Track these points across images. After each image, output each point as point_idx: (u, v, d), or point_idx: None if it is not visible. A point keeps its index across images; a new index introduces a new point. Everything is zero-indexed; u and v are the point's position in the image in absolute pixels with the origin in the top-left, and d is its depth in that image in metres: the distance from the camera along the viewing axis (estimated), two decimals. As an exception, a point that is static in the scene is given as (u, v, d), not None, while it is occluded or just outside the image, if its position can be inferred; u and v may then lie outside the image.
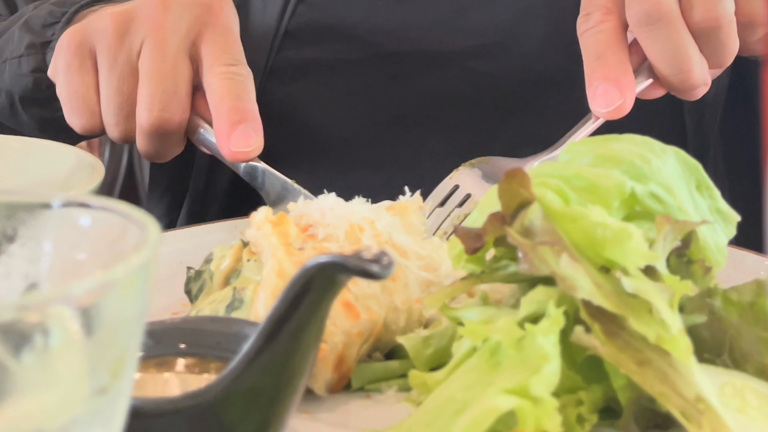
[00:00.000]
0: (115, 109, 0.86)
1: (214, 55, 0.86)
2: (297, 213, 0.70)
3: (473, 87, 1.01)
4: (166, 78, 0.85)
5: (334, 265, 0.50)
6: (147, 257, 0.35)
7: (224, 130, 0.84)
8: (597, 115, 0.84)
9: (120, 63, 0.86)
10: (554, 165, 0.65)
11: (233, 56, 0.87)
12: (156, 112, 0.84)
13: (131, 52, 0.86)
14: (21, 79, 0.97)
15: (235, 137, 0.83)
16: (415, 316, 0.67)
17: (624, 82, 0.82)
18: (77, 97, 0.87)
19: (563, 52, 1.01)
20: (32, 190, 0.43)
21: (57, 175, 0.90)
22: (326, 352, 0.62)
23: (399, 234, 0.68)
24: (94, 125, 0.88)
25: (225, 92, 0.84)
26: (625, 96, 0.81)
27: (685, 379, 0.53)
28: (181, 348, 0.58)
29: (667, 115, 1.03)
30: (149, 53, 0.85)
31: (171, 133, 0.86)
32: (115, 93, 0.86)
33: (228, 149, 0.84)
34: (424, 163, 1.03)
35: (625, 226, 0.56)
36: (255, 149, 0.84)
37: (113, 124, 0.87)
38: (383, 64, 1.02)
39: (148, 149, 0.87)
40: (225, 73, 0.85)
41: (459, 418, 0.51)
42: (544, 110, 1.01)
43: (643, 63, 0.85)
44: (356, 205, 0.70)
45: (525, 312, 0.56)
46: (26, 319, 0.33)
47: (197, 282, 0.72)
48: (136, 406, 0.40)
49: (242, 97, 0.85)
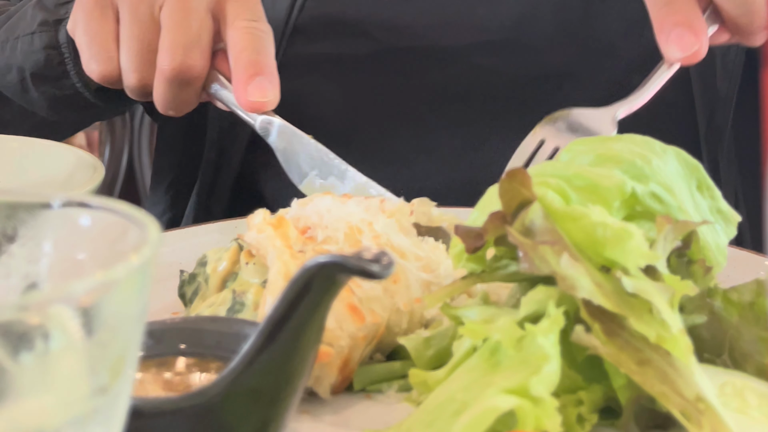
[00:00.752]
0: (134, 56, 0.87)
1: (237, 11, 0.88)
2: (294, 215, 0.70)
3: (480, 82, 1.02)
4: (189, 28, 0.86)
5: (334, 265, 0.50)
6: (147, 257, 0.35)
7: (242, 80, 0.86)
8: (672, 61, 0.83)
9: (141, 12, 0.87)
10: (555, 165, 0.65)
11: (255, 13, 0.89)
12: (179, 57, 0.86)
13: (153, 4, 0.88)
14: (33, 55, 0.98)
15: (252, 87, 0.85)
16: (416, 318, 0.67)
17: (697, 25, 0.81)
18: (96, 42, 0.89)
19: (570, 47, 1.01)
20: (32, 190, 0.43)
21: (57, 175, 0.90)
22: (333, 357, 0.62)
23: (397, 235, 0.68)
24: (111, 71, 0.89)
25: (245, 45, 0.87)
26: (700, 40, 0.81)
27: (685, 379, 0.53)
28: (181, 348, 0.58)
29: (679, 110, 1.02)
30: (172, 6, 0.87)
31: (191, 80, 0.87)
32: (136, 40, 0.87)
33: (245, 98, 0.86)
34: (431, 158, 1.03)
35: (625, 226, 0.56)
36: (271, 101, 0.86)
37: (131, 69, 0.88)
38: (390, 59, 1.02)
39: (166, 97, 0.88)
40: (246, 27, 0.87)
41: (459, 417, 0.51)
42: (550, 105, 1.02)
43: (708, 7, 0.84)
44: (352, 206, 0.70)
45: (525, 312, 0.56)
46: (26, 319, 0.33)
47: (191, 285, 0.71)
48: (136, 406, 0.40)
49: (261, 52, 0.87)
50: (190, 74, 0.87)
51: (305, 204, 0.71)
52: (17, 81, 1.00)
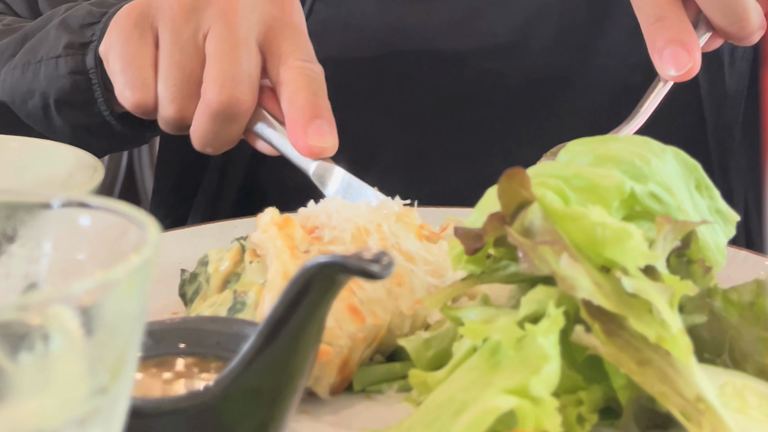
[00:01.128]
0: (173, 85, 0.82)
1: (290, 50, 0.83)
2: (303, 215, 0.70)
3: (486, 86, 1.02)
4: (239, 59, 0.81)
5: (334, 265, 0.50)
6: (147, 257, 0.35)
7: (300, 123, 0.81)
8: (666, 79, 0.83)
9: (185, 39, 0.82)
10: (554, 165, 0.65)
11: (309, 53, 0.84)
12: (228, 90, 0.80)
13: (197, 32, 0.82)
14: (58, 80, 0.92)
15: (312, 131, 0.80)
16: (419, 321, 0.67)
17: (690, 42, 0.81)
18: (133, 68, 0.83)
19: (576, 51, 1.01)
20: (32, 190, 0.43)
21: (57, 175, 0.90)
22: (331, 356, 0.62)
23: (405, 238, 0.68)
24: (147, 100, 0.83)
25: (301, 86, 0.81)
26: (693, 57, 0.81)
27: (685, 379, 0.53)
28: (181, 348, 0.58)
29: (686, 107, 1.02)
30: (219, 34, 0.81)
31: (238, 116, 0.81)
32: (177, 68, 0.82)
33: (305, 143, 0.80)
34: (437, 163, 1.03)
35: (625, 226, 0.56)
36: (331, 146, 0.81)
37: (169, 100, 0.82)
38: (396, 63, 1.02)
39: (207, 134, 0.82)
40: (302, 68, 0.83)
41: (459, 418, 0.51)
42: (556, 109, 1.02)
43: (698, 16, 0.84)
44: (362, 208, 0.69)
45: (525, 312, 0.56)
46: (26, 319, 0.33)
47: (192, 285, 0.71)
48: (136, 406, 0.40)
49: (318, 94, 0.82)
50: (237, 109, 0.81)
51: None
52: (40, 107, 0.94)
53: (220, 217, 1.05)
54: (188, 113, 0.83)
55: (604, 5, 1.03)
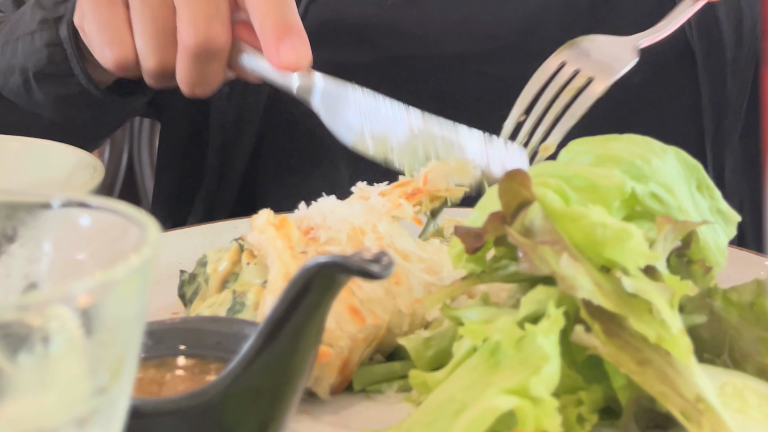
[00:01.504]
0: (151, 38, 0.84)
1: None
2: (298, 216, 0.70)
3: (485, 90, 1.01)
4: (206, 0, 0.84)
5: (334, 265, 0.50)
6: (147, 257, 0.35)
7: (272, 43, 0.83)
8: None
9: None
10: (554, 165, 0.65)
11: None
12: (202, 30, 0.83)
13: None
14: (34, 54, 0.96)
15: (284, 48, 0.83)
16: (418, 320, 0.67)
17: None
18: (108, 28, 0.86)
19: None
20: (32, 190, 0.43)
21: (57, 175, 0.90)
22: (332, 357, 0.62)
23: (400, 237, 0.68)
24: (127, 56, 0.86)
25: (269, 8, 0.83)
26: None
27: (685, 379, 0.53)
28: (181, 348, 0.58)
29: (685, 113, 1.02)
30: None
31: (216, 53, 0.84)
32: (150, 22, 0.84)
33: (278, 60, 0.83)
34: None
35: (625, 226, 0.56)
36: (304, 58, 0.84)
37: (149, 52, 0.85)
38: (395, 66, 1.02)
39: (192, 75, 0.85)
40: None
41: (459, 418, 0.51)
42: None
43: None
44: (356, 208, 0.69)
45: (525, 312, 0.56)
46: (26, 319, 0.33)
47: (191, 285, 0.71)
48: (136, 406, 0.40)
49: (286, 13, 0.84)
50: (214, 47, 0.83)
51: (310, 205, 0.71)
52: (20, 82, 0.98)
53: (219, 219, 1.05)
54: (169, 62, 0.85)
55: (605, 8, 1.02)
